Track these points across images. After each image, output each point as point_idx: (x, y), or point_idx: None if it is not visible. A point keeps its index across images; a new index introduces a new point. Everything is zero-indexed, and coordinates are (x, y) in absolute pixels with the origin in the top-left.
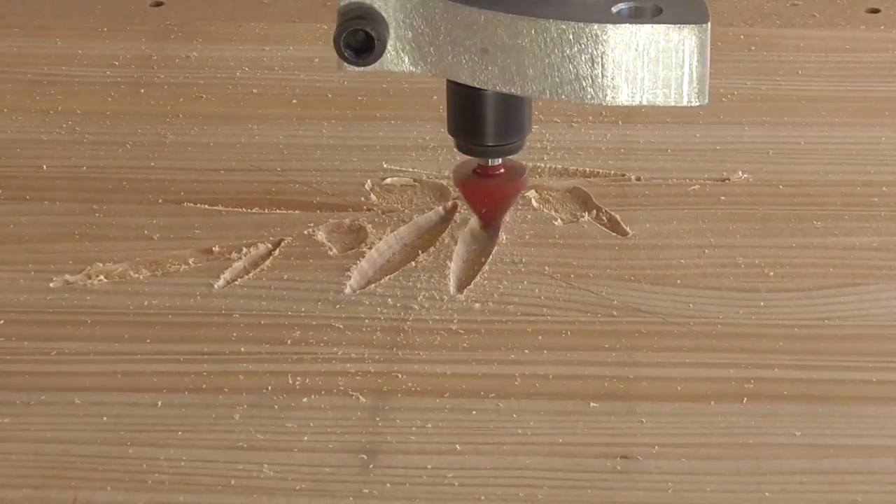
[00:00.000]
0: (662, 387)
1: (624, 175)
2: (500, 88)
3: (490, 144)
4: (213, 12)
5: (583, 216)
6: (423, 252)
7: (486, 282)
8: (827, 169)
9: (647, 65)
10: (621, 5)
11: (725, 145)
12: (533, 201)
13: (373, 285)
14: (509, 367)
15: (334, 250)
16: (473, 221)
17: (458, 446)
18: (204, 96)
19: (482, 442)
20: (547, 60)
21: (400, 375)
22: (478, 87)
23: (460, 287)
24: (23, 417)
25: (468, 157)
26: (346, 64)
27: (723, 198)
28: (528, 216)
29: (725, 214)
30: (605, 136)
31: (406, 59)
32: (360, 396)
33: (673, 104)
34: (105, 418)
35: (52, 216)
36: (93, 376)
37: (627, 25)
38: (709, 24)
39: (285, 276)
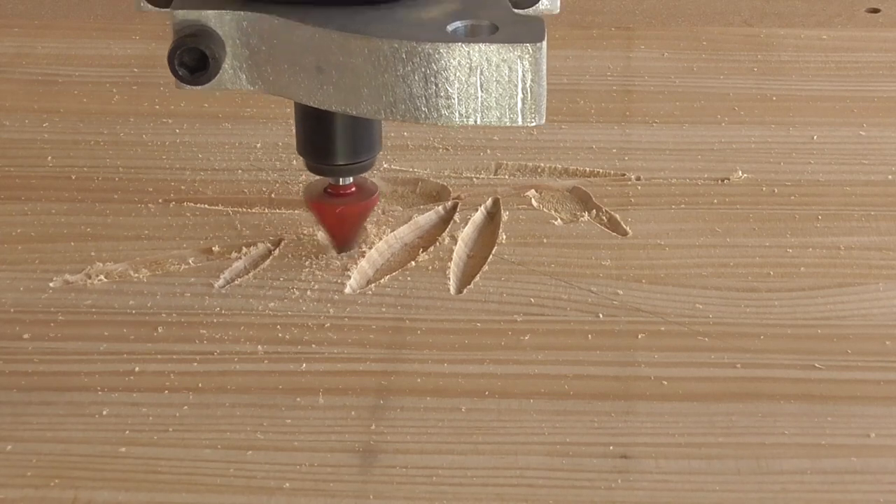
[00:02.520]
0: (662, 387)
1: (624, 175)
2: (336, 108)
3: (341, 164)
4: None
5: (583, 216)
6: (423, 252)
7: (486, 282)
8: (827, 169)
9: (481, 84)
10: (457, 24)
11: (725, 145)
12: (533, 201)
13: (373, 285)
14: (509, 367)
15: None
16: (473, 221)
17: (458, 446)
18: (204, 96)
19: (482, 442)
20: (381, 80)
21: (400, 375)
22: (316, 106)
23: (460, 287)
24: (23, 417)
25: (318, 177)
26: (181, 83)
27: (723, 198)
28: (528, 216)
29: (725, 214)
30: (605, 136)
31: (243, 78)
32: (360, 396)
33: (508, 124)
34: (105, 418)
35: (52, 216)
36: (93, 376)
37: (460, 44)
38: (543, 43)
39: (285, 276)
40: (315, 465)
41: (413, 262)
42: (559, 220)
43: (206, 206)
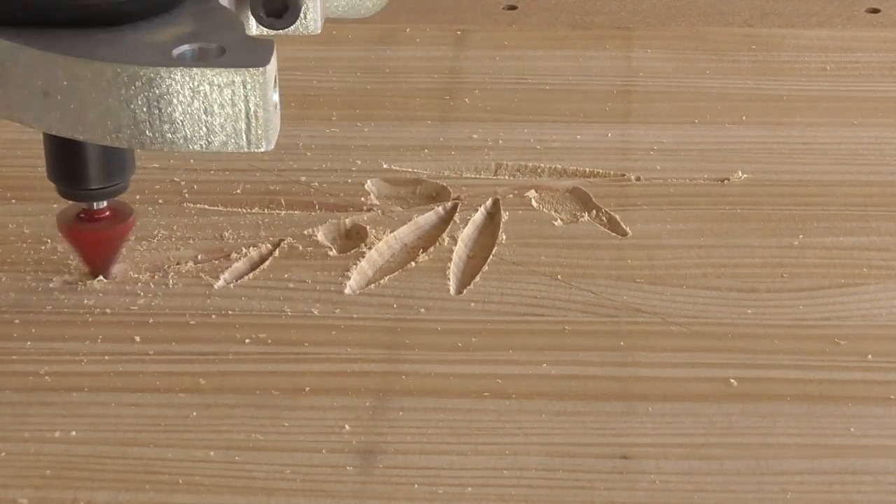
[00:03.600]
0: (662, 387)
1: (624, 175)
2: (64, 133)
3: (94, 188)
4: None
5: (583, 216)
6: (423, 252)
7: (486, 282)
8: (827, 169)
9: (205, 109)
10: (185, 47)
11: (725, 145)
12: (533, 201)
13: (373, 285)
14: (509, 367)
15: (334, 250)
16: (473, 222)
17: (458, 446)
18: None
19: (482, 442)
20: (105, 104)
21: (400, 375)
22: (44, 131)
23: (460, 287)
24: (23, 417)
25: (71, 203)
26: None
27: (723, 198)
28: (529, 216)
29: (725, 214)
30: (605, 136)
31: None
32: (360, 396)
33: (234, 150)
34: (105, 418)
35: (53, 216)
36: (93, 376)
37: (182, 68)
38: (268, 66)
39: (285, 276)
40: (315, 465)
41: (413, 263)
42: (559, 220)
43: (206, 206)
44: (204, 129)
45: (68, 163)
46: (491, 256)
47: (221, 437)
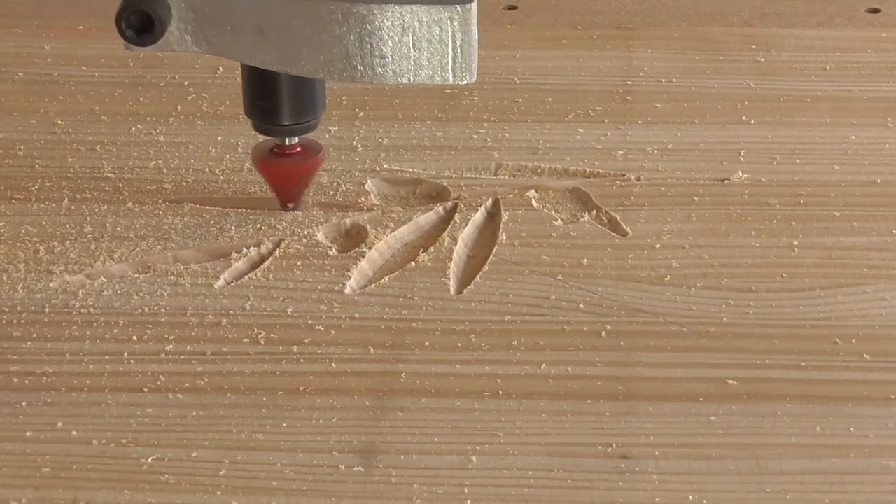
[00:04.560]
0: (662, 387)
1: (624, 175)
2: (276, 68)
3: (286, 124)
4: None
5: (583, 216)
6: (423, 252)
7: (486, 282)
8: (827, 169)
9: (413, 44)
10: None
11: (725, 145)
12: (533, 201)
13: (373, 285)
14: (509, 367)
15: (334, 250)
16: (473, 222)
17: (458, 446)
18: (204, 96)
19: (482, 442)
20: (318, 40)
21: (400, 375)
22: (256, 66)
23: (460, 287)
24: (23, 417)
25: (266, 137)
26: (128, 44)
27: (723, 198)
28: (528, 216)
29: (725, 214)
30: (605, 136)
31: (189, 40)
32: (360, 396)
33: (440, 83)
34: (105, 418)
35: (52, 216)
36: (93, 376)
37: (393, 6)
38: (472, 4)
39: (285, 276)
40: (315, 465)
41: (413, 263)
42: (559, 220)
43: (206, 206)
44: (412, 63)
45: (264, 100)
46: (491, 256)
47: (221, 437)
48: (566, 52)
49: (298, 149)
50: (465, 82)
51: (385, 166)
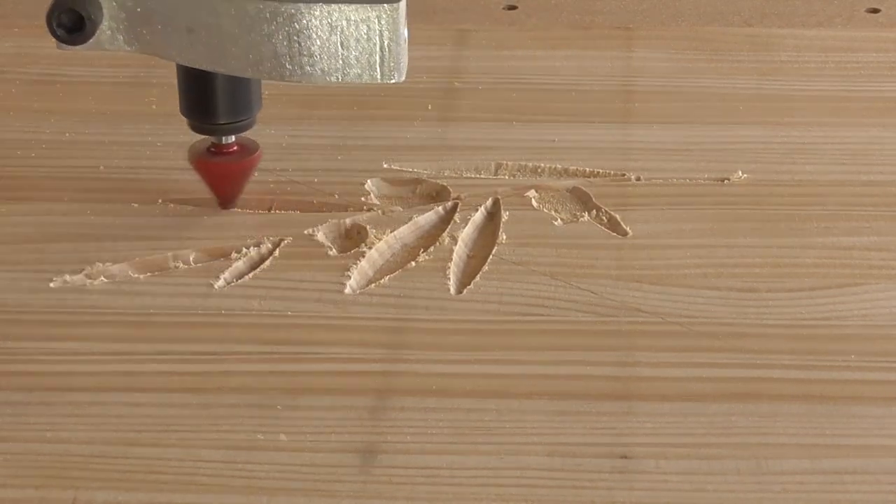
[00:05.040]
0: (662, 387)
1: (624, 175)
2: (207, 67)
3: (221, 122)
4: None
5: (583, 216)
6: (423, 252)
7: (486, 282)
8: (827, 169)
9: (341, 43)
10: None
11: (725, 145)
12: (533, 201)
13: (373, 285)
14: (509, 367)
15: (334, 250)
16: (473, 221)
17: (458, 446)
18: None
19: (482, 442)
20: (247, 39)
21: (400, 375)
22: (187, 65)
23: (460, 287)
24: (23, 417)
25: (202, 136)
26: (59, 43)
27: (723, 198)
28: (528, 216)
29: (725, 214)
30: (605, 136)
31: (121, 38)
32: (360, 396)
33: (368, 81)
34: (105, 418)
35: (52, 216)
36: (93, 376)
37: (321, 4)
38: (402, 2)
39: (285, 276)
40: (315, 465)
41: (413, 263)
42: (559, 220)
43: (206, 206)
44: (340, 62)
45: (200, 99)
46: (491, 256)
47: (221, 437)
48: (566, 52)
49: (235, 147)
50: (393, 81)
51: (385, 166)
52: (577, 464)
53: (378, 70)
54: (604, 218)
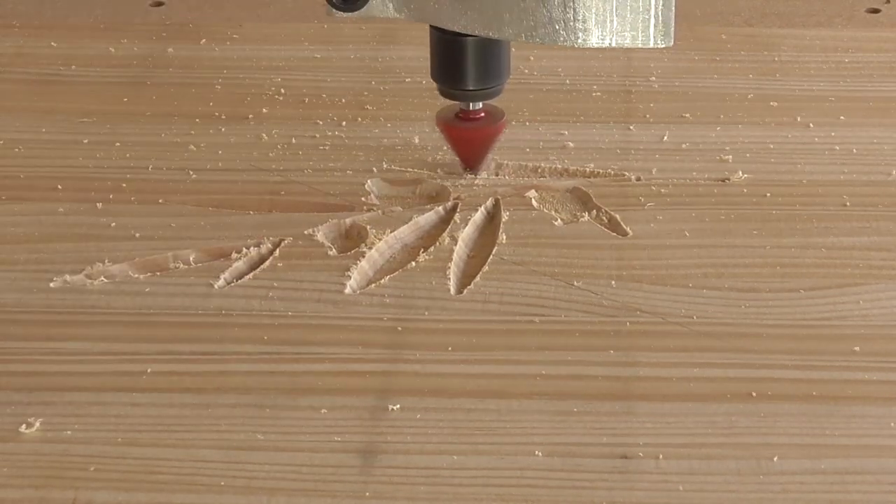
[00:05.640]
0: (662, 387)
1: (624, 175)
2: (479, 33)
3: (471, 89)
4: (213, 12)
5: (583, 216)
6: (423, 252)
7: (486, 282)
8: (827, 169)
9: (615, 8)
10: None
11: (725, 145)
12: (533, 201)
13: (373, 285)
14: (509, 367)
15: (334, 250)
16: (474, 222)
17: (458, 446)
18: (204, 96)
19: (482, 442)
20: (522, 5)
21: (400, 375)
22: (458, 31)
23: (460, 287)
24: (23, 417)
25: (451, 102)
26: (332, 10)
27: (723, 198)
28: (529, 216)
29: (725, 214)
30: (605, 136)
31: (391, 6)
32: (360, 396)
33: (640, 46)
34: (105, 418)
35: (52, 216)
36: (93, 376)
37: None
38: None
39: (285, 276)
40: (315, 465)
41: (413, 263)
42: (559, 220)
43: (206, 206)
44: (614, 26)
45: (451, 65)
46: (491, 256)
47: (221, 437)
48: (566, 52)
49: (482, 114)
50: (662, 46)
51: (385, 166)
52: (577, 464)
53: (651, 35)
54: (604, 218)
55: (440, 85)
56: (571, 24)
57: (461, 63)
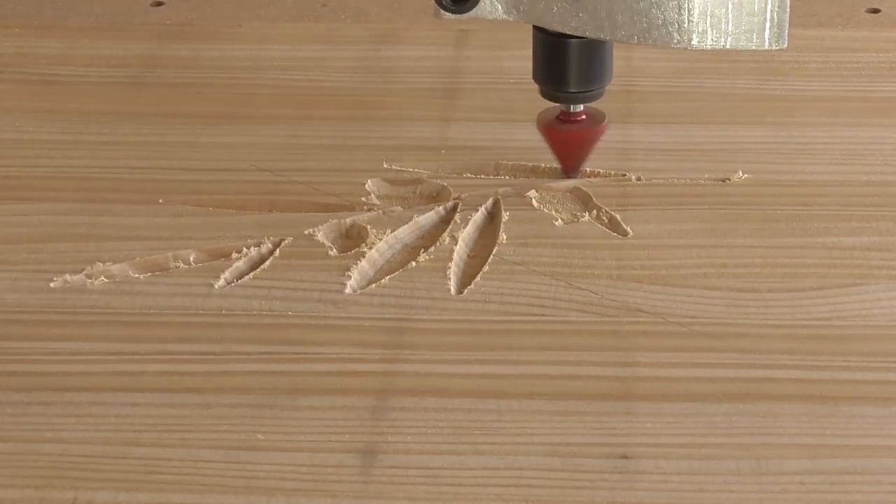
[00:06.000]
0: (662, 387)
1: (624, 175)
2: (591, 35)
3: (573, 91)
4: (213, 12)
5: (583, 216)
6: (423, 252)
7: (486, 282)
8: (827, 169)
9: (730, 10)
10: None
11: (725, 145)
12: (533, 201)
13: (373, 285)
14: (509, 367)
15: (334, 250)
16: (474, 222)
17: (458, 446)
18: (204, 96)
19: (482, 442)
20: (636, 7)
21: (400, 375)
22: (569, 33)
23: (460, 287)
24: (23, 417)
25: (551, 104)
26: (442, 11)
27: (723, 198)
28: (528, 216)
29: (725, 214)
30: (606, 136)
31: (500, 8)
32: (360, 396)
33: (755, 48)
34: (105, 418)
35: (52, 216)
36: (93, 376)
37: None
38: None
39: (285, 276)
40: (315, 465)
41: (413, 263)
42: (559, 220)
43: (206, 206)
44: (728, 28)
45: (553, 67)
46: (491, 256)
47: (221, 437)
48: None
49: (583, 116)
50: (776, 48)
51: (385, 166)
52: (577, 464)
53: (766, 38)
54: (604, 218)
55: (542, 87)
56: (686, 26)
57: (565, 65)
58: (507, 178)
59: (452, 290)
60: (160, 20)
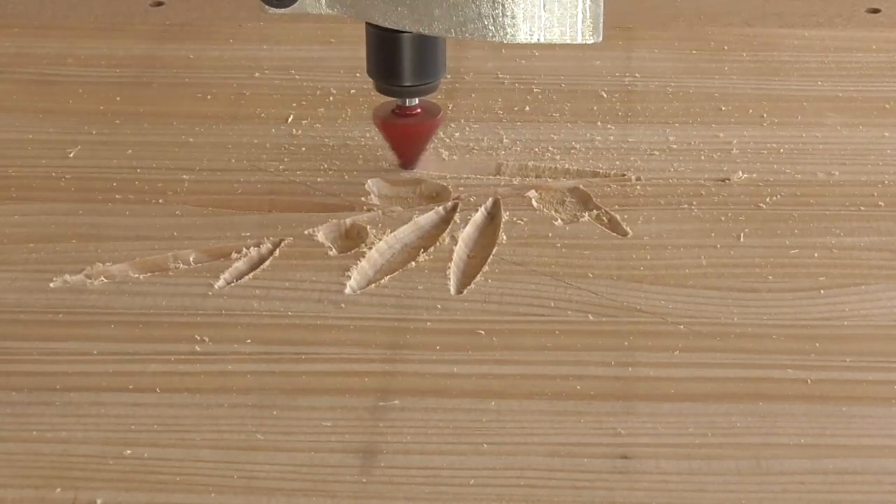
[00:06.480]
0: (662, 387)
1: (624, 175)
2: (410, 28)
3: (406, 85)
4: (213, 12)
5: (583, 216)
6: (423, 252)
7: (486, 282)
8: (827, 169)
9: (543, 4)
10: None
11: (725, 145)
12: (533, 201)
13: (373, 285)
14: (509, 367)
15: (334, 250)
16: (474, 222)
17: (458, 446)
18: (204, 96)
19: (482, 442)
20: (452, 1)
21: (400, 375)
22: (389, 27)
23: (460, 287)
24: (23, 417)
25: (388, 98)
26: (266, 6)
27: (723, 198)
28: (528, 216)
29: (725, 214)
30: (605, 136)
31: (322, 2)
32: (360, 396)
33: (568, 42)
34: (105, 418)
35: (52, 216)
36: (93, 376)
37: None
38: None
39: (285, 276)
40: (315, 465)
41: (413, 263)
42: (559, 220)
43: (206, 206)
44: (542, 22)
45: (387, 61)
46: (491, 256)
47: (221, 437)
48: (566, 52)
49: (418, 110)
50: (591, 42)
51: (385, 166)
52: (577, 464)
53: (579, 31)
54: (604, 218)
55: (377, 82)
56: (500, 19)
57: (398, 60)
58: (507, 178)
59: (452, 290)
60: (160, 20)
